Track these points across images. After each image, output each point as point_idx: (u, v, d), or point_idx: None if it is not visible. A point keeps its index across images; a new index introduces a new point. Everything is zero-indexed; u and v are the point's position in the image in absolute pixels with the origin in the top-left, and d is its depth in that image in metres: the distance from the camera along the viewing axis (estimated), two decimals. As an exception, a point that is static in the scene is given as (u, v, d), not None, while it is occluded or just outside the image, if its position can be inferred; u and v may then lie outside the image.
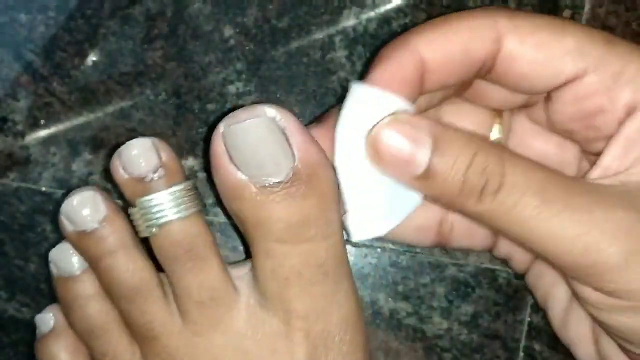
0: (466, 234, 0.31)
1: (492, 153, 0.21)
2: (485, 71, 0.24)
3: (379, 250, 0.36)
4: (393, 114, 0.23)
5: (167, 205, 0.27)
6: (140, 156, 0.26)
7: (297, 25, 0.35)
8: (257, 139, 0.24)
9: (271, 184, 0.24)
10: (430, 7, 0.35)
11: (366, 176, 0.24)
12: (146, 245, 0.29)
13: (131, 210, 0.28)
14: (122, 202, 0.31)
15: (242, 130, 0.24)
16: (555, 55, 0.23)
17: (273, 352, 0.26)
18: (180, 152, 0.35)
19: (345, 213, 0.25)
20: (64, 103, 0.36)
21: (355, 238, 0.25)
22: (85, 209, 0.28)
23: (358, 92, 0.24)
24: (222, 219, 0.35)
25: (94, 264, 0.29)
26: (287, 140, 0.24)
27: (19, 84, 0.36)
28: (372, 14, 0.35)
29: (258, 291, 0.27)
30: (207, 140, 0.35)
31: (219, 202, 0.35)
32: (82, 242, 0.28)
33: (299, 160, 0.24)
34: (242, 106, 0.35)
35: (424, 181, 0.22)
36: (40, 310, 0.35)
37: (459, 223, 0.30)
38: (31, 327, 0.32)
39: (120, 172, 0.27)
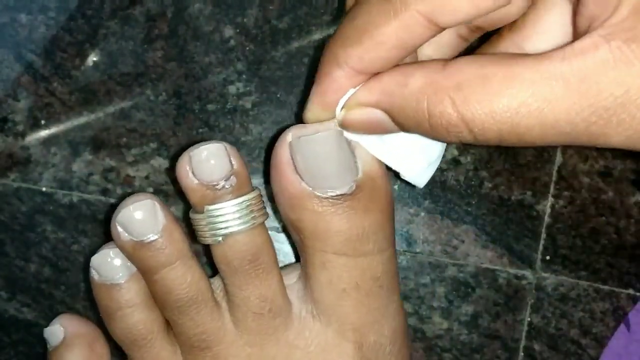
0: None
1: (444, 102, 0.20)
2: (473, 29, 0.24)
3: (378, 250, 0.36)
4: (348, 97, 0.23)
5: (235, 215, 0.26)
6: (212, 161, 0.25)
7: (297, 26, 0.35)
8: (325, 152, 0.24)
9: (334, 195, 0.24)
10: (430, 7, 0.35)
11: (386, 138, 0.25)
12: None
13: (196, 216, 0.27)
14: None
15: (313, 142, 0.24)
16: None
17: None
18: (181, 153, 0.35)
19: (401, 176, 0.26)
20: (64, 103, 0.36)
21: (421, 184, 0.26)
22: (144, 218, 0.27)
23: None
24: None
25: (148, 274, 0.27)
26: (353, 152, 0.25)
27: (20, 84, 0.36)
28: (372, 14, 0.35)
29: (311, 301, 0.27)
30: (206, 140, 0.35)
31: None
32: (138, 253, 0.27)
33: (362, 173, 0.25)
34: (242, 106, 0.35)
35: (403, 126, 0.22)
36: (40, 310, 0.35)
37: None
38: (31, 327, 0.32)
39: (190, 177, 0.26)
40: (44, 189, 0.36)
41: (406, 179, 0.26)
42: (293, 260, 0.35)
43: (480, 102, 0.19)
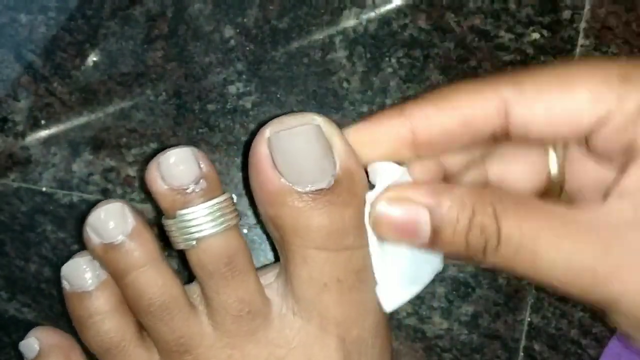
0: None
1: (486, 212, 0.22)
2: (502, 137, 0.24)
3: (379, 250, 0.36)
4: (387, 188, 0.24)
5: (206, 219, 0.26)
6: (181, 166, 0.25)
7: (297, 26, 0.35)
8: (304, 146, 0.24)
9: (314, 190, 0.24)
10: (430, 7, 0.35)
11: (388, 247, 0.25)
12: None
13: (167, 222, 0.27)
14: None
15: (291, 136, 0.24)
16: (568, 111, 0.22)
17: (308, 359, 0.26)
18: (181, 152, 0.35)
19: (375, 285, 0.26)
20: (64, 103, 0.36)
21: (388, 309, 0.26)
22: (112, 220, 0.27)
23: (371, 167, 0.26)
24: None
25: (119, 277, 0.27)
26: (330, 147, 0.25)
27: (20, 84, 0.36)
28: (372, 14, 0.35)
29: (291, 298, 0.27)
30: (208, 141, 0.35)
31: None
32: (108, 255, 0.27)
33: (340, 168, 0.25)
34: (242, 106, 0.35)
35: (434, 245, 0.23)
36: (40, 310, 0.35)
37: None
38: (31, 327, 0.32)
39: (159, 182, 0.26)
40: (44, 189, 0.36)
41: (377, 293, 0.26)
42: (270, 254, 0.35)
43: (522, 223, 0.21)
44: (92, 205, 0.35)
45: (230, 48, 0.35)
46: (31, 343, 0.31)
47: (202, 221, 0.26)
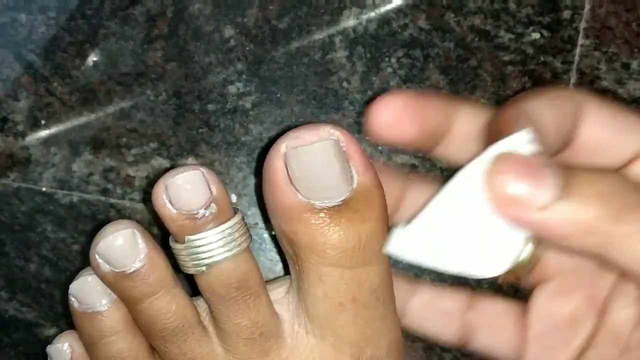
0: (491, 328, 0.28)
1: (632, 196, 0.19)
2: (565, 144, 0.23)
3: (379, 250, 0.36)
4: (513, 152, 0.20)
5: (217, 244, 0.25)
6: (191, 190, 0.24)
7: (297, 26, 0.35)
8: (322, 163, 0.23)
9: (331, 206, 0.24)
10: (430, 7, 0.35)
11: (463, 207, 0.21)
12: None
13: (177, 246, 0.26)
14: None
15: (309, 152, 0.23)
16: (627, 129, 0.22)
17: None
18: (181, 153, 0.35)
19: (400, 226, 0.22)
20: (64, 103, 0.36)
21: (389, 249, 0.22)
22: (124, 247, 0.25)
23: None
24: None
25: (131, 304, 0.26)
26: (348, 162, 0.24)
27: (20, 84, 0.36)
28: (372, 14, 0.35)
29: (304, 316, 0.26)
30: (208, 141, 0.35)
31: (219, 202, 0.35)
32: (120, 283, 0.26)
33: (358, 183, 0.24)
34: (242, 106, 0.35)
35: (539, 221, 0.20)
36: (40, 310, 0.35)
37: (486, 312, 0.28)
38: (31, 327, 0.32)
39: (168, 207, 0.24)
40: (44, 189, 0.36)
41: (395, 231, 0.22)
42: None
43: None
44: (92, 205, 0.35)
45: (230, 48, 0.35)
46: (63, 350, 0.30)
47: (213, 247, 0.25)
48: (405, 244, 0.22)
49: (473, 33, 0.35)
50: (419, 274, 0.36)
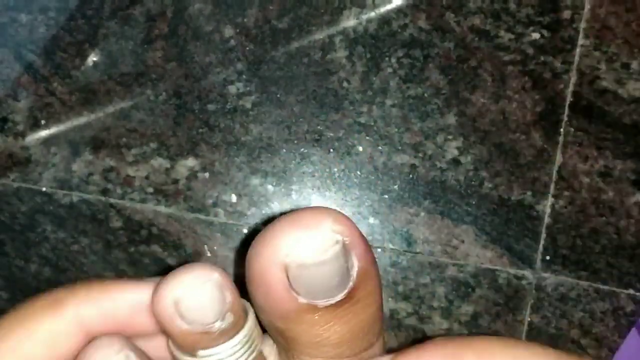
0: None
1: None
2: None
3: (379, 250, 0.36)
4: None
5: (234, 356, 0.23)
6: (206, 305, 0.22)
7: (297, 26, 0.35)
8: (332, 271, 0.22)
9: (334, 303, 0.22)
10: (430, 7, 0.35)
11: None
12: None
13: (185, 358, 0.24)
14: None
15: (317, 263, 0.21)
16: None
17: None
18: (181, 152, 0.35)
19: None
20: (64, 103, 0.36)
21: None
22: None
23: None
24: (222, 219, 0.35)
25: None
26: (350, 255, 0.22)
27: (20, 84, 0.36)
28: (372, 14, 0.35)
29: None
30: (208, 140, 0.35)
31: (219, 202, 0.35)
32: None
33: (358, 269, 0.22)
34: (242, 106, 0.35)
35: None
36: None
37: None
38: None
39: (177, 322, 0.23)
40: (44, 189, 0.36)
41: None
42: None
43: None
44: (92, 205, 0.35)
45: (230, 48, 0.35)
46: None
47: (228, 357, 0.23)
48: None
49: (473, 33, 0.35)
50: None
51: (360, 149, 0.34)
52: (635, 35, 0.35)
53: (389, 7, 0.35)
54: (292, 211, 0.22)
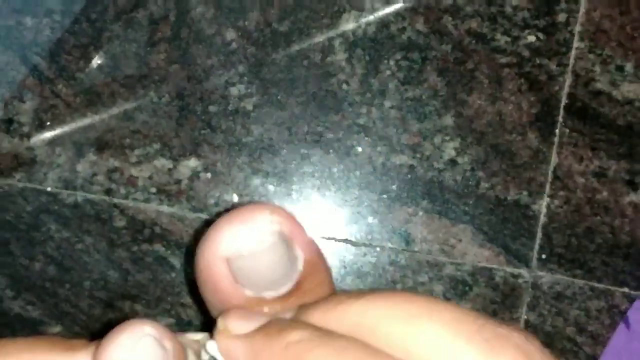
0: None
1: None
2: None
3: (377, 249, 0.36)
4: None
5: None
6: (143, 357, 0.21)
7: (298, 29, 0.36)
8: (272, 260, 0.22)
9: (283, 294, 0.22)
10: (428, 10, 0.35)
11: None
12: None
13: None
14: (126, 201, 0.32)
15: (256, 258, 0.21)
16: None
17: None
18: (183, 153, 0.36)
19: None
20: (68, 105, 0.36)
21: None
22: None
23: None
24: (223, 218, 0.36)
25: None
26: (293, 246, 0.22)
27: (25, 86, 0.36)
28: (371, 17, 0.35)
29: None
30: (210, 142, 0.36)
31: (220, 202, 0.36)
32: None
33: (304, 261, 0.22)
34: (244, 108, 0.36)
35: None
36: (45, 308, 0.35)
37: None
38: (36, 325, 0.33)
39: None
40: (49, 189, 0.36)
41: None
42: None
43: None
44: (96, 205, 0.36)
45: (232, 51, 0.36)
46: None
47: None
48: None
49: (470, 36, 0.35)
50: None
51: (360, 149, 0.35)
52: (630, 38, 0.35)
53: (387, 10, 0.35)
54: (232, 208, 0.22)
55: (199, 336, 0.22)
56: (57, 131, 0.36)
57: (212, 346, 0.20)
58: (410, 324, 0.15)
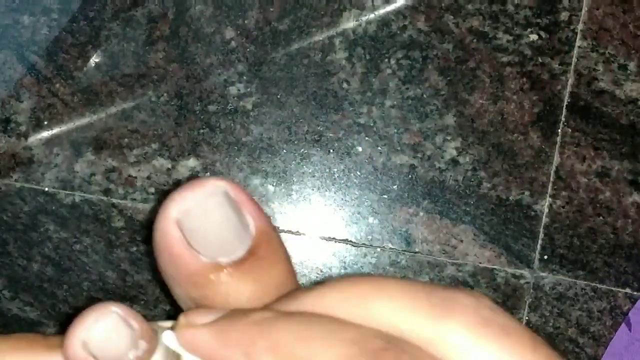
0: None
1: None
2: None
3: (378, 249, 0.36)
4: None
5: None
6: (113, 338, 0.22)
7: (297, 27, 0.35)
8: (220, 218, 0.22)
9: (239, 259, 0.22)
10: (429, 9, 0.35)
11: None
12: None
13: None
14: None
15: (204, 212, 0.22)
16: None
17: None
18: (182, 153, 0.36)
19: None
20: (66, 104, 0.36)
21: None
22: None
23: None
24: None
25: None
26: (242, 210, 0.23)
27: (22, 85, 0.36)
28: (371, 16, 0.35)
29: None
30: (209, 141, 0.36)
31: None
32: None
33: (256, 228, 0.23)
34: (243, 107, 0.35)
35: None
36: (43, 309, 0.35)
37: None
38: (34, 325, 0.33)
39: None
40: (46, 189, 0.36)
41: None
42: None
43: None
44: (94, 205, 0.35)
45: (231, 49, 0.35)
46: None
47: None
48: None
49: (471, 35, 0.35)
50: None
51: (360, 149, 0.35)
52: (632, 37, 0.35)
53: (388, 9, 0.35)
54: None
55: (169, 324, 0.22)
56: (55, 130, 0.36)
57: (167, 336, 0.20)
58: (361, 306, 0.16)
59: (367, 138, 0.35)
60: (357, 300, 0.16)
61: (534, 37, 0.35)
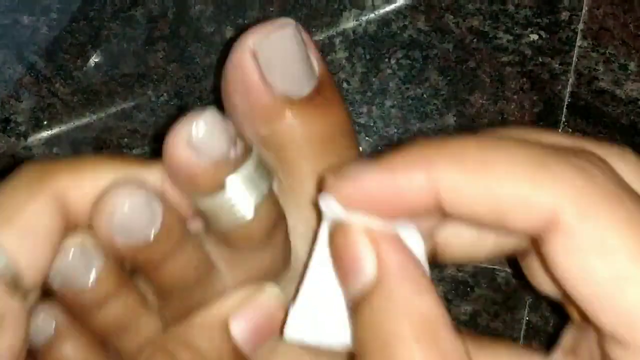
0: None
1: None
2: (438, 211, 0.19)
3: (378, 249, 0.36)
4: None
5: (257, 175, 0.21)
6: (215, 135, 0.19)
7: (298, 27, 0.35)
8: (294, 49, 0.22)
9: (307, 96, 0.22)
10: (429, 8, 0.35)
11: (328, 290, 0.20)
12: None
13: (212, 202, 0.21)
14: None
15: (280, 40, 0.22)
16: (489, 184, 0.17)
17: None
18: (182, 153, 0.36)
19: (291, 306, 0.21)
20: (66, 104, 0.36)
21: (288, 335, 0.20)
22: (142, 215, 0.20)
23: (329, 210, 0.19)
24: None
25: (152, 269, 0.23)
26: (309, 48, 0.23)
27: (22, 85, 0.36)
28: (371, 15, 0.35)
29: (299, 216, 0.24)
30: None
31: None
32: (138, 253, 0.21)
33: (320, 69, 0.23)
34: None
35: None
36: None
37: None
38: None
39: (195, 161, 0.20)
40: (46, 189, 0.36)
41: (290, 312, 0.20)
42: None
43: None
44: (94, 205, 0.35)
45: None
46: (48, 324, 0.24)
47: (256, 182, 0.21)
48: (299, 326, 0.20)
49: (472, 34, 0.35)
50: (418, 273, 0.36)
51: (360, 149, 0.35)
52: (633, 37, 0.35)
53: (388, 8, 0.35)
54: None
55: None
56: (55, 130, 0.36)
57: (324, 199, 0.19)
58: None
59: (367, 138, 0.35)
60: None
61: (534, 37, 0.35)
